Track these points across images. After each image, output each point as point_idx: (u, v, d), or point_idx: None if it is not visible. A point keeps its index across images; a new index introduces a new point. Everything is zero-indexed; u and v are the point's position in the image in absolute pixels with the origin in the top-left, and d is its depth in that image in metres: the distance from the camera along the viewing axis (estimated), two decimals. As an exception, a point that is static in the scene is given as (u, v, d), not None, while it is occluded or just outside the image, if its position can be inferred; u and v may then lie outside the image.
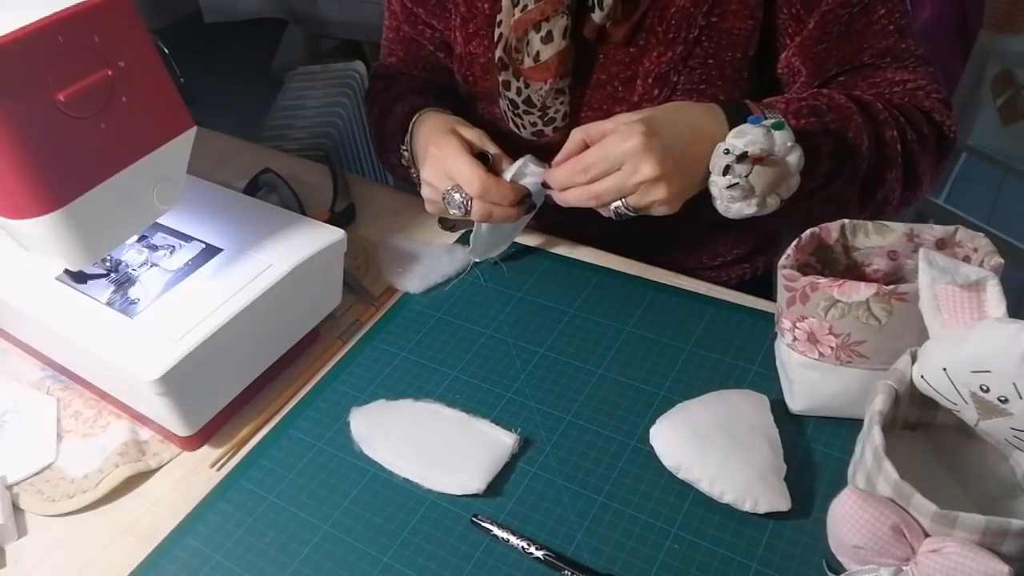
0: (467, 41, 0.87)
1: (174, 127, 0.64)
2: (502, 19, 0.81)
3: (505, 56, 0.81)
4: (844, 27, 0.77)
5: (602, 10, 0.76)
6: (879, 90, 0.79)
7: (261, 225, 0.74)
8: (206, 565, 0.60)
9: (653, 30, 0.79)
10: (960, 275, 0.50)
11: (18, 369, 0.77)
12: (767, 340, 0.72)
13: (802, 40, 0.78)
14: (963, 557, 0.45)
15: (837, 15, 0.76)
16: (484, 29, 0.85)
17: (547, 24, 0.77)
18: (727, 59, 0.79)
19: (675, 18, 0.77)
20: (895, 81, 0.79)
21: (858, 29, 0.78)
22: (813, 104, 0.74)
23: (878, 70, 0.80)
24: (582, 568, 0.57)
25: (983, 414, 0.49)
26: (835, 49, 0.78)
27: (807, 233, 0.63)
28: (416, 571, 0.58)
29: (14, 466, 0.67)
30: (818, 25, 0.77)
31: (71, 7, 0.54)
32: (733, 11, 0.77)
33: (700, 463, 0.60)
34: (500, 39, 0.81)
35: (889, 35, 0.78)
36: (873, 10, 0.77)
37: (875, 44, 0.78)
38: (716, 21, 0.77)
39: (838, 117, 0.74)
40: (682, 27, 0.77)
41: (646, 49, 0.80)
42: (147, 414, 0.69)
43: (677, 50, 0.79)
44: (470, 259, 0.84)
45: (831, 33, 0.77)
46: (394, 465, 0.65)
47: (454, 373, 0.73)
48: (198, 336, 0.64)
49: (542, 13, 0.77)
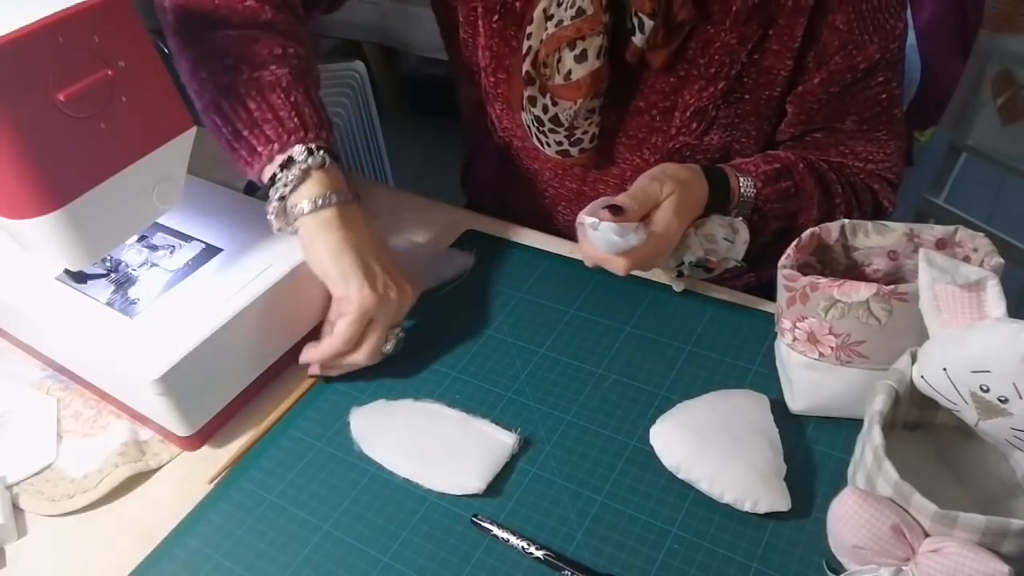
0: (491, 36, 0.84)
1: (174, 127, 0.64)
2: (532, 31, 0.77)
3: (532, 71, 0.78)
4: (842, 89, 0.78)
5: (643, 33, 0.74)
6: (843, 160, 0.84)
7: (261, 225, 0.74)
8: (206, 565, 0.60)
9: (695, 62, 0.77)
10: (960, 275, 0.50)
11: (18, 369, 0.76)
12: (767, 340, 0.72)
13: (803, 90, 0.79)
14: (963, 557, 0.45)
15: (842, 76, 0.77)
16: (512, 29, 0.82)
17: (582, 43, 0.74)
18: (763, 97, 0.80)
19: (718, 52, 0.76)
20: (860, 155, 0.84)
21: (853, 93, 0.79)
22: (783, 188, 0.79)
23: (852, 138, 0.83)
24: (582, 568, 0.57)
25: (983, 414, 0.49)
26: (827, 107, 0.80)
27: (807, 233, 0.63)
28: (416, 571, 0.58)
29: (14, 466, 0.67)
30: (823, 81, 0.78)
31: (71, 7, 0.54)
32: (774, 51, 0.76)
33: (700, 463, 0.60)
34: (528, 52, 0.78)
35: (878, 103, 0.80)
36: (873, 77, 0.78)
37: (863, 111, 0.80)
38: (758, 59, 0.77)
39: (800, 202, 0.80)
40: (725, 62, 0.77)
41: (687, 81, 0.79)
42: (147, 414, 0.69)
43: (719, 85, 0.78)
44: (468, 263, 0.83)
45: (830, 92, 0.78)
46: (394, 465, 0.65)
47: (454, 373, 0.73)
48: (198, 336, 0.64)
49: (578, 31, 0.74)
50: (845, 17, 0.74)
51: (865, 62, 0.76)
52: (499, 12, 0.82)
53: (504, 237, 0.88)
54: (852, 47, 0.75)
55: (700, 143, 0.82)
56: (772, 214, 0.78)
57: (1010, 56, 1.63)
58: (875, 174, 0.85)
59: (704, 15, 0.75)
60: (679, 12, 0.73)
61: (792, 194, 0.79)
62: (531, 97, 0.80)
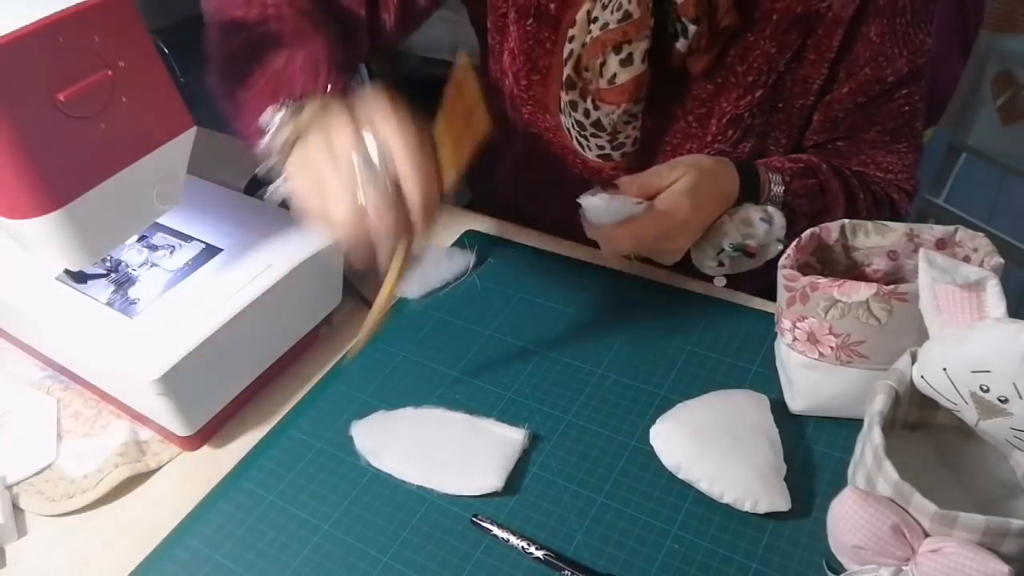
0: (524, 39, 0.82)
1: (174, 127, 0.64)
2: (574, 35, 0.76)
3: (574, 75, 0.78)
4: (868, 100, 0.79)
5: (686, 38, 0.74)
6: (864, 170, 0.84)
7: (261, 225, 0.74)
8: (206, 565, 0.60)
9: (733, 69, 0.77)
10: (960, 275, 0.50)
11: (18, 369, 0.76)
12: (767, 340, 0.72)
13: (830, 99, 0.80)
14: (963, 557, 0.45)
15: (870, 87, 0.78)
16: (548, 32, 0.81)
17: (628, 47, 0.73)
18: (797, 106, 0.80)
19: (757, 60, 0.76)
20: (880, 165, 0.84)
21: (878, 105, 0.80)
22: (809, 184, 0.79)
23: (874, 148, 0.84)
24: (582, 568, 0.57)
25: (983, 414, 0.49)
26: (852, 116, 0.81)
27: (807, 233, 0.63)
28: (416, 571, 0.58)
29: (14, 466, 0.67)
30: (851, 91, 0.78)
31: (71, 7, 0.54)
32: (811, 60, 0.77)
33: (700, 463, 0.60)
34: (570, 56, 0.77)
35: (901, 115, 0.81)
36: (898, 90, 0.79)
37: (885, 123, 0.81)
38: (795, 68, 0.77)
39: (826, 201, 0.80)
40: (763, 71, 0.77)
41: (725, 88, 0.79)
42: (147, 414, 0.69)
43: (756, 94, 0.78)
44: (469, 263, 0.83)
45: (857, 102, 0.79)
46: (404, 474, 0.65)
47: (454, 374, 0.73)
48: (198, 336, 0.64)
49: (624, 35, 0.72)
50: (879, 29, 0.75)
51: (894, 75, 0.77)
52: (533, 15, 0.81)
53: (504, 237, 0.88)
54: (883, 59, 0.76)
55: (734, 151, 0.82)
56: (800, 210, 0.78)
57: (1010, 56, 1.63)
58: (893, 184, 0.85)
59: (747, 22, 0.75)
60: (723, 18, 0.73)
61: (818, 192, 0.79)
62: (571, 102, 0.79)
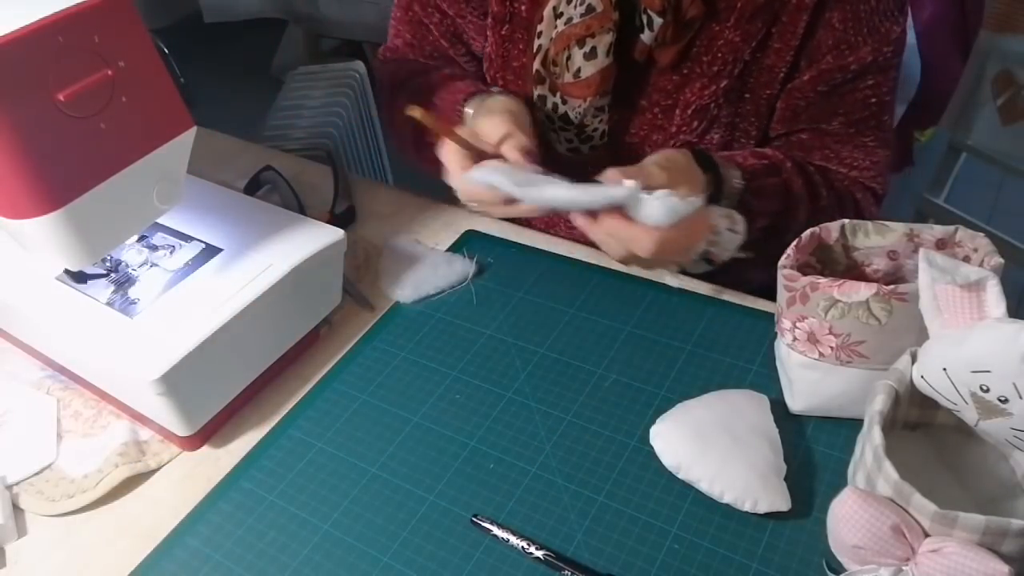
0: (500, 43, 0.84)
1: (174, 127, 0.64)
2: (542, 30, 0.78)
3: (543, 69, 0.79)
4: (831, 89, 0.78)
5: (652, 31, 0.74)
6: (827, 164, 0.83)
7: (261, 225, 0.74)
8: (206, 565, 0.60)
9: (699, 59, 0.77)
10: (960, 275, 0.50)
11: (18, 369, 0.76)
12: (767, 340, 0.72)
13: (792, 87, 0.79)
14: (963, 557, 0.45)
15: (832, 75, 0.77)
16: (520, 32, 0.82)
17: (592, 40, 0.74)
18: (764, 96, 0.80)
19: (722, 50, 0.76)
20: (844, 161, 0.82)
21: (841, 94, 0.79)
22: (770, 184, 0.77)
23: (838, 142, 0.82)
24: (582, 568, 0.57)
25: (983, 414, 0.49)
26: (814, 105, 0.79)
27: (807, 233, 0.63)
28: (416, 571, 0.58)
29: (14, 466, 0.67)
30: (812, 79, 0.78)
31: (71, 7, 0.54)
32: (776, 49, 0.77)
33: (700, 463, 0.60)
34: (539, 51, 0.78)
35: (867, 107, 0.79)
36: (863, 79, 0.78)
37: (850, 113, 0.80)
38: (760, 57, 0.77)
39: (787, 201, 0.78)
40: (728, 60, 0.77)
41: (690, 79, 0.79)
42: (147, 414, 0.69)
43: (721, 83, 0.78)
44: (468, 273, 0.82)
45: (818, 90, 0.78)
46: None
47: (454, 373, 0.73)
48: (198, 336, 0.64)
49: (588, 29, 0.74)
50: (842, 15, 0.74)
51: (856, 63, 0.76)
52: (508, 22, 0.82)
53: (504, 237, 0.88)
54: (845, 47, 0.75)
55: (700, 142, 0.82)
56: (758, 210, 0.77)
57: (1010, 56, 1.63)
58: (858, 182, 0.84)
59: (712, 12, 0.75)
60: (688, 9, 0.73)
61: (779, 192, 0.78)
62: (541, 96, 0.80)
